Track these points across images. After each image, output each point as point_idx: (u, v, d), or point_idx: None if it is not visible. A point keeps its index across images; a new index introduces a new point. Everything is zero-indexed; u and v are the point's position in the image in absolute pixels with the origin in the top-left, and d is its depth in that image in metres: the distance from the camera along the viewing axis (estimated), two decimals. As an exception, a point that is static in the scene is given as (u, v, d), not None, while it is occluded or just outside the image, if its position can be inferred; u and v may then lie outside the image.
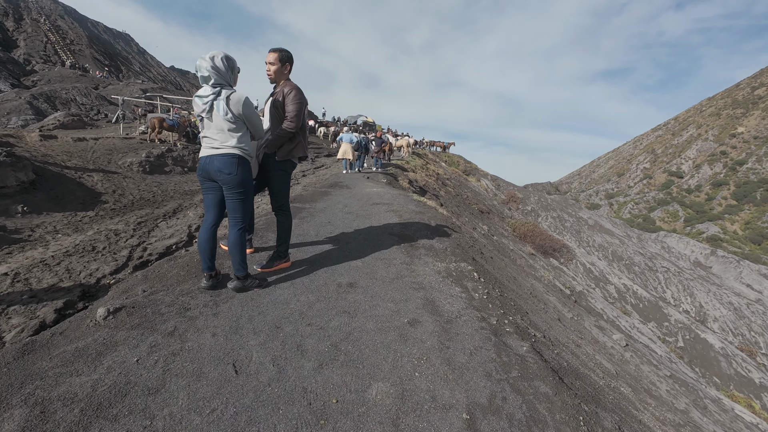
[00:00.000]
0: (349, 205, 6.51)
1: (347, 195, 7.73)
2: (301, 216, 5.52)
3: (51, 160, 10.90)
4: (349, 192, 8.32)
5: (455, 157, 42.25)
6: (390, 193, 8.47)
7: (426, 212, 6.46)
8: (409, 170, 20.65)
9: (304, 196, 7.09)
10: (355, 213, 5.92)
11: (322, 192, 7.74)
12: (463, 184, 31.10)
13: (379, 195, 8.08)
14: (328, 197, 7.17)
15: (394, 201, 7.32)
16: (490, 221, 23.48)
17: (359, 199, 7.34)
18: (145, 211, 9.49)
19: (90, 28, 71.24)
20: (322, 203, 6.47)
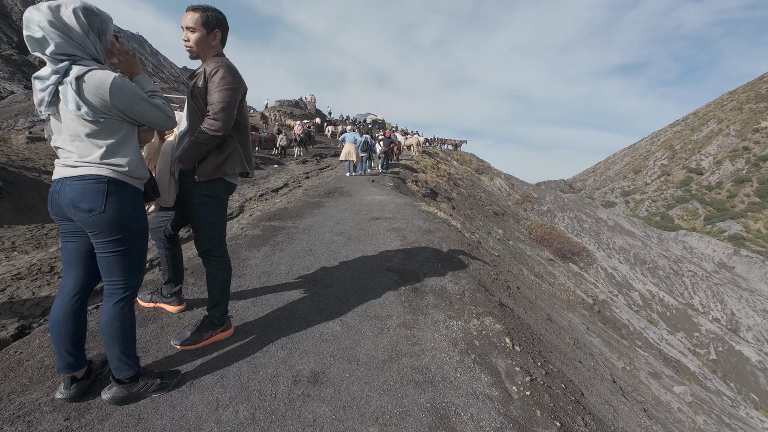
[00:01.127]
0: (342, 222, 5.29)
1: (343, 206, 6.50)
2: (276, 241, 4.31)
3: (30, 165, 9.95)
4: (347, 202, 7.09)
5: (467, 155, 40.63)
6: (395, 202, 7.21)
7: (436, 230, 5.19)
8: (419, 170, 19.34)
9: (289, 210, 5.86)
10: (347, 234, 4.70)
11: (314, 203, 6.50)
12: (476, 183, 29.62)
13: (382, 205, 6.84)
14: (320, 210, 5.95)
15: (398, 214, 6.06)
16: (505, 224, 22.02)
17: (357, 211, 6.10)
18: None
19: (104, 29, 71.50)
20: (309, 219, 5.26)
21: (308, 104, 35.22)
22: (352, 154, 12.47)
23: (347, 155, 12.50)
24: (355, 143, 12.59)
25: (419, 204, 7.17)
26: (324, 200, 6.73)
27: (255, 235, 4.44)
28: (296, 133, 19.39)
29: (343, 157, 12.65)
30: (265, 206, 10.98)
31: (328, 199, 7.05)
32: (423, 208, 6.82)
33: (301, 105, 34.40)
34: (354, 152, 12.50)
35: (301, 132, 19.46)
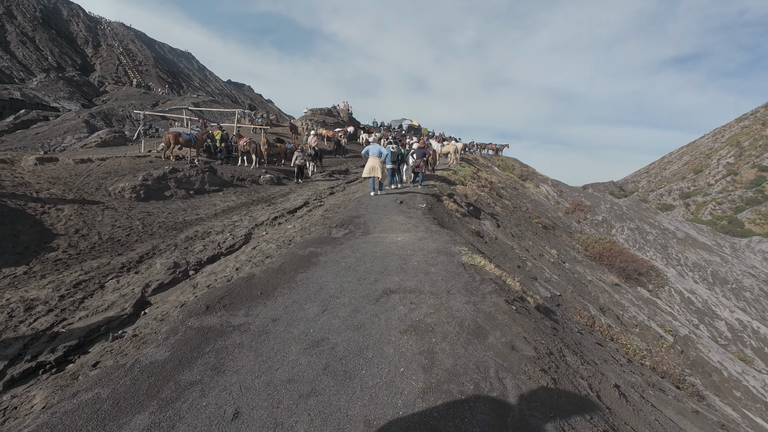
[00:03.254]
0: (332, 305, 3.19)
1: (347, 261, 4.42)
2: (175, 391, 2.24)
3: (21, 191, 8.86)
4: (356, 247, 5.02)
5: (509, 160, 37.33)
6: (424, 248, 5.05)
7: (491, 328, 2.97)
8: (457, 182, 16.96)
9: (256, 280, 3.71)
10: (330, 347, 2.56)
11: (303, 259, 4.35)
12: (521, 192, 26.59)
13: (404, 255, 4.71)
14: (306, 275, 3.82)
15: (427, 278, 3.92)
16: (558, 240, 19.03)
17: (364, 273, 4.01)
18: (100, 261, 6.95)
19: (156, 49, 75.10)
20: (280, 301, 3.20)
21: (341, 112, 33.78)
22: (377, 169, 10.44)
23: (371, 171, 10.49)
24: (380, 156, 10.55)
25: (459, 251, 4.96)
26: (321, 249, 4.67)
27: (148, 367, 2.44)
28: (310, 146, 17.20)
29: (366, 174, 10.66)
30: (274, 234, 9.25)
31: (327, 246, 4.96)
32: (464, 259, 4.62)
33: (334, 113, 33.01)
34: (379, 167, 10.47)
35: (315, 144, 17.40)
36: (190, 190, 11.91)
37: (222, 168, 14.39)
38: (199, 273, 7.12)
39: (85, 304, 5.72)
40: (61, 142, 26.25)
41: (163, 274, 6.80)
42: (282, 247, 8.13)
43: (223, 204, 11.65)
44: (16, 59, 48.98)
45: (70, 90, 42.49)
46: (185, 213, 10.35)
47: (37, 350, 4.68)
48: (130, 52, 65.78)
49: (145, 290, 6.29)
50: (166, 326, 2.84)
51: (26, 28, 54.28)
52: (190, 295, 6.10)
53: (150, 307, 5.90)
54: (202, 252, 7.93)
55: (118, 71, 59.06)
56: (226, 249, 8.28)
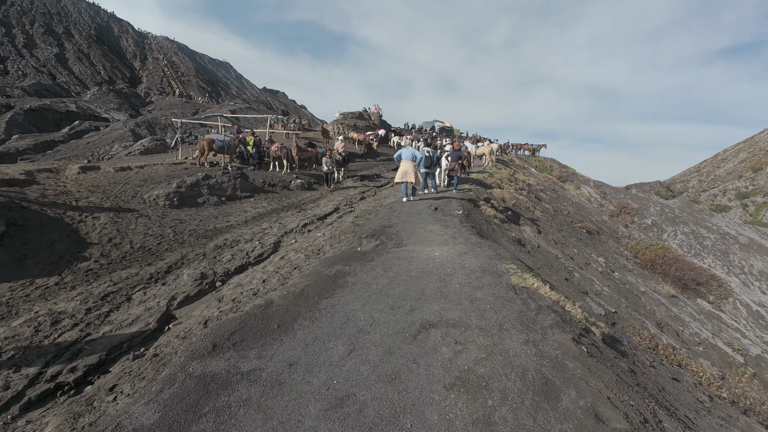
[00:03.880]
0: (359, 343, 2.59)
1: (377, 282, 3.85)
2: None
3: (62, 200, 9.04)
4: (388, 265, 4.45)
5: (547, 161, 35.47)
6: (465, 265, 4.41)
7: (564, 382, 2.30)
8: (494, 185, 16.04)
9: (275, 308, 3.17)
10: (357, 408, 2.01)
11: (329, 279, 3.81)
12: (561, 195, 25.07)
13: (443, 275, 4.10)
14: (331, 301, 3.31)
15: (473, 306, 3.30)
16: (604, 246, 17.60)
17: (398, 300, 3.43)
18: (129, 272, 6.83)
19: (197, 60, 78.56)
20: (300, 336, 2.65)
21: (372, 115, 33.49)
22: (410, 174, 9.85)
23: (403, 176, 9.91)
24: (413, 160, 9.96)
25: (506, 269, 4.28)
26: (350, 267, 4.12)
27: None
28: (338, 152, 16.31)
29: (398, 179, 10.09)
30: (303, 242, 8.89)
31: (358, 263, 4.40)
32: (514, 280, 3.94)
33: (365, 116, 32.76)
34: (412, 172, 9.87)
35: (342, 150, 16.62)
36: (222, 197, 11.85)
37: (254, 174, 14.33)
38: (226, 285, 6.85)
39: (110, 317, 5.54)
40: (108, 151, 27.61)
41: (190, 285, 6.57)
42: (311, 257, 7.74)
43: (254, 210, 11.49)
44: (73, 74, 52.70)
45: (119, 101, 45.03)
46: (216, 220, 10.24)
47: (58, 369, 4.48)
48: (174, 63, 69.14)
49: (170, 303, 6.06)
50: (165, 371, 2.41)
51: (82, 45, 58.32)
52: (214, 310, 5.80)
53: (174, 322, 5.64)
54: (230, 262, 7.69)
55: (162, 82, 62.18)
56: (254, 258, 8.00)
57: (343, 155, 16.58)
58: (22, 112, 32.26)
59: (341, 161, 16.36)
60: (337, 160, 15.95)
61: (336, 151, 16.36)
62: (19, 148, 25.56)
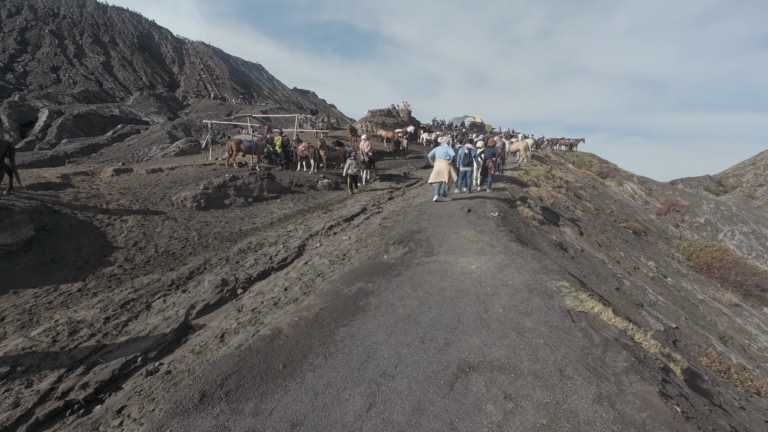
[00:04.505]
0: (382, 390, 1.96)
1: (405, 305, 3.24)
2: None
3: (93, 203, 9.10)
4: (418, 280, 3.86)
5: (586, 156, 33.36)
6: (507, 282, 3.75)
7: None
8: (530, 183, 15.02)
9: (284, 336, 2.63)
10: None
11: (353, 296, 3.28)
12: (602, 192, 23.42)
13: (483, 296, 3.47)
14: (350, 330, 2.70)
15: (521, 339, 2.66)
16: (653, 249, 16.12)
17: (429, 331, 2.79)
18: (151, 277, 6.64)
19: (231, 63, 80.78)
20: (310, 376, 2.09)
21: (401, 112, 32.82)
22: (444, 173, 9.21)
23: (438, 176, 9.28)
24: (447, 158, 9.30)
25: (558, 287, 3.60)
26: (373, 284, 3.55)
27: None
28: (363, 152, 15.12)
29: (432, 179, 9.47)
30: (328, 246, 8.47)
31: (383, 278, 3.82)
32: (569, 303, 3.27)
33: (394, 113, 32.15)
34: (446, 171, 9.22)
35: (368, 150, 15.23)
36: (248, 198, 11.67)
37: (281, 174, 14.13)
38: (247, 292, 6.53)
39: (128, 327, 5.31)
40: (147, 152, 28.61)
41: (210, 293, 6.29)
42: (335, 262, 7.29)
43: (280, 212, 11.22)
44: (117, 81, 55.51)
45: (158, 105, 46.87)
46: (242, 222, 10.03)
47: (70, 384, 4.25)
48: (209, 67, 71.40)
49: (189, 312, 5.78)
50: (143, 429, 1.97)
51: (126, 53, 61.33)
52: (232, 321, 5.46)
53: (192, 332, 5.35)
54: (252, 267, 7.38)
55: (198, 85, 64.36)
56: (278, 263, 7.66)
57: (370, 155, 15.36)
58: (72, 118, 34.13)
59: (367, 162, 15.24)
60: (363, 161, 15.03)
61: (361, 151, 15.44)
62: (67, 151, 26.98)
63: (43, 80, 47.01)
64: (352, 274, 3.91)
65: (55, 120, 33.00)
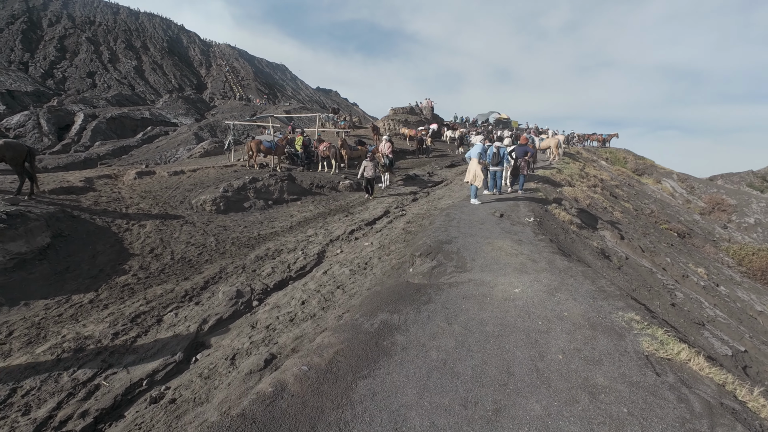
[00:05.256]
0: None
1: (439, 346, 2.50)
2: None
3: (113, 207, 8.95)
4: (452, 309, 3.19)
5: (620, 152, 31.41)
6: (563, 317, 3.06)
7: None
8: (564, 183, 14.02)
9: (289, 394, 2.02)
10: None
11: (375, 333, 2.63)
12: (639, 190, 21.88)
13: (534, 333, 2.79)
14: (375, 375, 2.12)
15: (594, 404, 2.00)
16: (701, 253, 14.75)
17: (470, 382, 2.14)
18: (164, 288, 6.31)
19: (256, 64, 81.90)
20: None
21: (424, 109, 31.99)
22: (480, 176, 8.54)
23: (475, 178, 8.62)
24: (480, 159, 8.64)
25: (627, 321, 2.90)
26: (399, 314, 2.95)
27: None
28: (383, 154, 13.82)
29: (468, 179, 8.80)
30: (349, 254, 7.94)
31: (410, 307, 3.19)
32: (647, 347, 2.57)
33: (417, 111, 31.35)
34: (474, 171, 8.54)
35: (389, 152, 13.86)
36: (269, 200, 11.32)
37: (302, 175, 13.75)
38: (263, 305, 6.08)
39: (136, 344, 4.95)
40: (174, 154, 29.06)
41: (224, 306, 5.88)
42: (356, 272, 6.75)
43: (300, 215, 10.80)
44: (148, 84, 57.20)
45: (186, 107, 47.88)
46: (261, 226, 9.66)
47: (69, 412, 3.90)
48: (235, 69, 72.60)
49: (201, 328, 5.38)
50: None
51: (156, 57, 63.13)
52: (245, 339, 5.01)
53: (201, 353, 4.93)
54: (269, 276, 6.94)
55: (224, 87, 65.52)
56: (296, 272, 7.20)
57: (390, 157, 13.96)
58: (105, 121, 35.24)
59: (387, 164, 13.74)
60: (384, 164, 13.66)
61: (381, 153, 14.23)
62: (99, 153, 27.76)
63: (80, 85, 48.94)
64: (374, 300, 3.33)
65: (90, 123, 34.15)
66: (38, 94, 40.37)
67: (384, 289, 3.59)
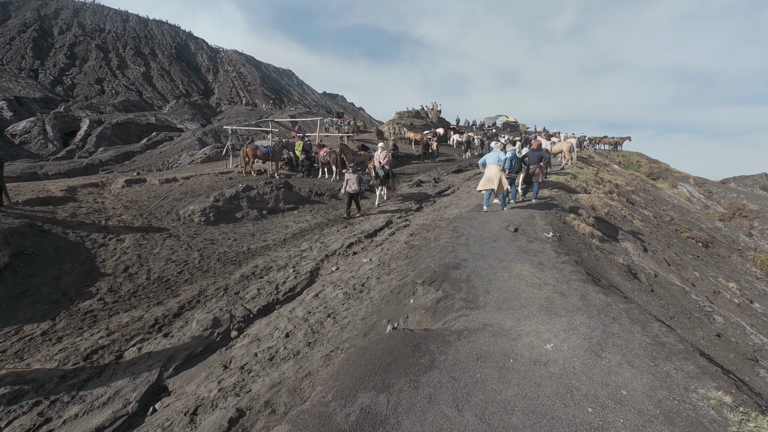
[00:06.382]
0: None
1: None
2: None
3: (91, 219, 8.21)
4: (463, 382, 2.26)
5: (633, 155, 30.12)
6: (621, 397, 2.17)
7: None
8: (579, 189, 13.03)
9: None
10: None
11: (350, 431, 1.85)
12: (656, 196, 20.72)
13: (588, 431, 1.91)
14: None
15: None
16: (729, 265, 13.61)
17: None
18: (132, 315, 5.50)
19: (263, 70, 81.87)
20: None
21: (430, 113, 31.13)
22: (494, 180, 7.71)
23: (488, 183, 7.79)
24: (499, 164, 7.80)
25: (715, 404, 1.98)
26: (389, 391, 2.09)
27: None
28: (379, 164, 11.70)
29: (481, 187, 7.97)
30: (345, 272, 7.07)
31: (404, 377, 2.30)
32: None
33: (422, 114, 30.50)
34: (497, 178, 7.73)
35: (385, 162, 11.74)
36: (263, 210, 10.52)
37: (300, 182, 12.95)
38: (242, 336, 5.24)
39: (85, 390, 4.14)
40: (177, 159, 28.52)
41: (197, 338, 5.05)
42: (351, 296, 5.89)
43: (296, 225, 9.98)
44: (156, 90, 57.24)
45: (192, 112, 47.64)
46: (252, 239, 8.85)
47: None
48: (242, 74, 72.57)
49: (166, 367, 4.55)
50: None
51: (164, 63, 63.27)
52: (213, 384, 4.16)
53: (160, 402, 4.10)
54: (254, 300, 6.11)
55: (231, 92, 65.43)
56: (284, 294, 6.35)
57: (386, 168, 11.72)
58: (110, 126, 34.95)
59: (383, 176, 11.53)
60: (377, 174, 11.46)
61: (373, 163, 12.08)
62: (102, 159, 27.35)
63: (89, 92, 49.04)
64: (357, 364, 2.45)
65: (95, 129, 33.87)
66: (46, 100, 40.37)
67: (371, 344, 2.71)
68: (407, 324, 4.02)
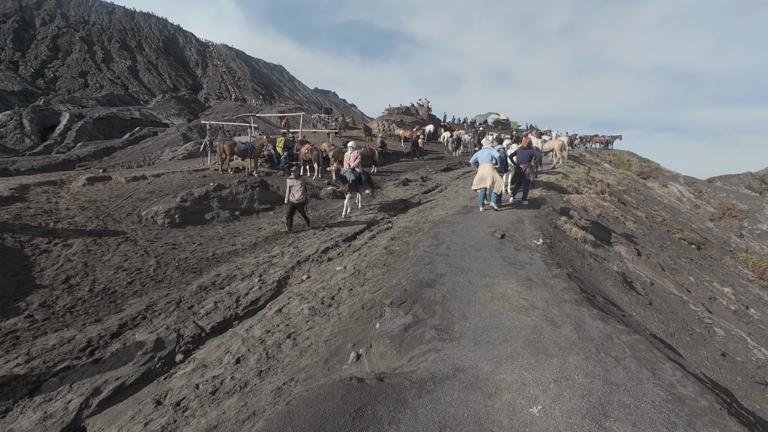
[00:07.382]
0: None
1: None
2: None
3: (37, 222, 7.38)
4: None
5: (624, 154, 29.79)
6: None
7: None
8: (570, 190, 12.46)
9: None
10: None
11: None
12: (647, 196, 20.33)
13: None
14: None
15: None
16: (723, 268, 13.18)
17: None
18: (62, 336, 4.74)
19: (253, 65, 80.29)
20: None
21: (420, 109, 30.43)
22: (488, 178, 7.17)
23: (481, 181, 7.24)
24: (492, 162, 7.24)
25: None
26: None
27: None
28: (348, 165, 10.07)
29: (476, 185, 7.38)
30: (315, 282, 6.36)
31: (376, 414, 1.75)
32: None
33: (413, 111, 29.80)
34: (490, 176, 7.24)
35: (356, 164, 9.97)
36: (235, 211, 9.76)
37: (278, 181, 12.19)
38: (187, 361, 4.51)
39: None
40: (159, 156, 27.46)
41: (134, 363, 4.32)
42: (317, 312, 5.19)
43: (270, 228, 9.24)
44: (142, 84, 55.62)
45: (179, 107, 46.31)
46: (220, 243, 8.10)
47: None
48: (231, 69, 71.02)
49: (87, 403, 3.82)
50: None
51: (151, 57, 61.53)
52: (137, 429, 3.45)
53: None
54: (209, 315, 5.38)
55: (220, 88, 63.96)
56: (245, 308, 5.63)
57: (358, 172, 9.87)
58: (92, 121, 33.64)
59: (353, 181, 9.63)
60: (347, 179, 9.55)
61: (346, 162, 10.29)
62: (80, 155, 26.19)
63: (72, 85, 47.38)
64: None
65: (76, 123, 32.56)
66: (26, 93, 38.82)
67: (299, 406, 2.03)
68: (370, 354, 3.35)
